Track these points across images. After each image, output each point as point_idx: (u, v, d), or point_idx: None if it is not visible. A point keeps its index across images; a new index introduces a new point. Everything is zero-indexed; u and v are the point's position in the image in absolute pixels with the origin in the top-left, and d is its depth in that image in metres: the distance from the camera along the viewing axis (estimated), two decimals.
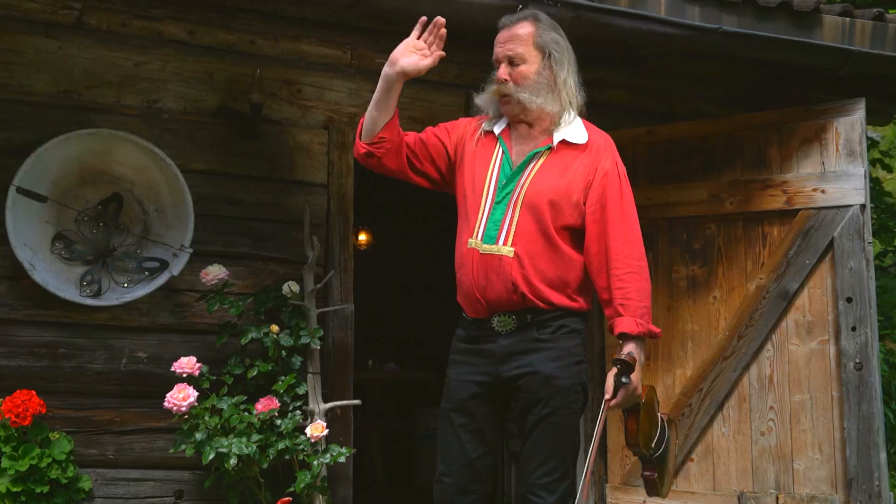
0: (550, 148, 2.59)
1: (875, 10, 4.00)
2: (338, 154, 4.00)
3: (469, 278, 2.55)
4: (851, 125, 3.92)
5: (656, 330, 2.55)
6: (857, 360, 3.79)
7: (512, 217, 2.53)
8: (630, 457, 4.16)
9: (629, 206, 2.60)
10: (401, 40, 2.49)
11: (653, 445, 2.55)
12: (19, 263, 3.35)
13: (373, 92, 3.94)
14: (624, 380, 2.43)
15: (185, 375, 3.36)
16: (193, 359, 3.40)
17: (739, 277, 4.07)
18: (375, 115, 2.58)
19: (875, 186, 6.49)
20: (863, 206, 3.84)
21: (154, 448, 3.60)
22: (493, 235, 2.53)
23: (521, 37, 2.61)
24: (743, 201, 4.06)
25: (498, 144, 2.64)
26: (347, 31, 4.03)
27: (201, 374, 3.41)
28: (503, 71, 2.60)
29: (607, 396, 2.45)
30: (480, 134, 2.68)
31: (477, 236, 2.55)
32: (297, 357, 3.61)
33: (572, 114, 2.62)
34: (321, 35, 4.00)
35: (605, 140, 2.66)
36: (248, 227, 3.83)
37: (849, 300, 3.82)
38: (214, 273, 3.52)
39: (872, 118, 4.80)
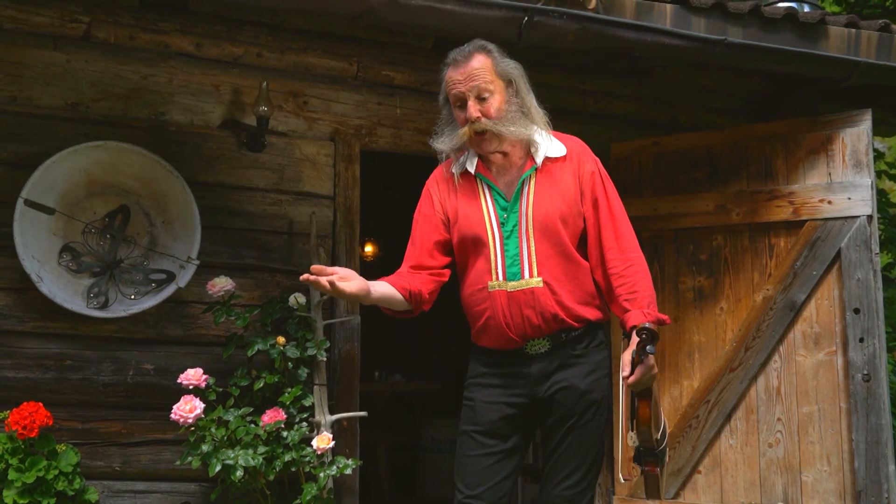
0: (536, 168, 2.56)
1: (881, 21, 4.00)
2: (344, 165, 4.00)
3: (500, 320, 2.50)
4: (858, 136, 3.92)
5: (664, 317, 2.49)
6: (865, 372, 3.78)
7: (528, 246, 2.50)
8: (636, 468, 4.14)
9: (615, 201, 2.59)
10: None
11: (658, 437, 2.44)
12: (27, 275, 3.36)
13: (379, 104, 3.98)
14: (649, 349, 2.26)
15: (191, 387, 3.37)
16: (200, 370, 3.40)
17: (746, 288, 4.06)
18: (393, 305, 2.53)
19: (881, 198, 6.47)
20: (870, 217, 3.84)
21: (160, 460, 3.60)
22: (515, 271, 2.49)
23: (481, 71, 2.51)
24: (749, 212, 4.06)
25: (479, 181, 2.58)
26: (353, 44, 4.04)
27: (208, 386, 3.41)
28: (473, 109, 2.50)
29: (625, 373, 2.33)
30: (454, 179, 2.61)
31: (497, 277, 2.50)
32: (303, 369, 3.61)
33: (543, 132, 2.59)
34: (327, 47, 4.02)
35: (580, 144, 2.65)
36: (254, 238, 3.84)
37: (856, 311, 3.81)
38: (221, 285, 3.52)
39: (878, 129, 4.80)
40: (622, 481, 2.38)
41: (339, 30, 4.01)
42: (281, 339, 3.56)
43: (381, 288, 2.48)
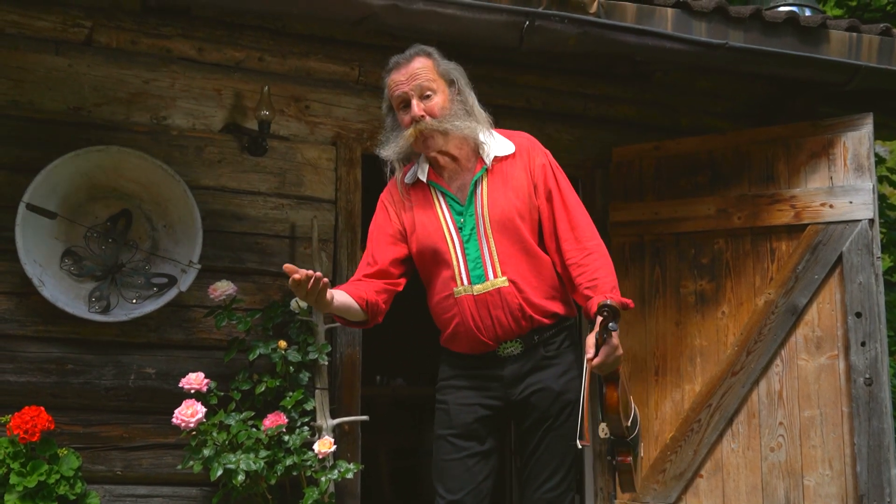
0: (487, 169, 2.55)
1: (882, 25, 4.00)
2: (346, 170, 4.01)
3: (470, 325, 2.49)
4: (859, 140, 3.92)
5: (628, 301, 2.45)
6: (867, 376, 3.77)
7: (489, 247, 2.48)
8: (638, 471, 4.14)
9: (569, 192, 2.58)
10: None
11: (628, 424, 2.39)
12: (28, 279, 3.37)
13: (380, 108, 3.98)
14: (611, 325, 2.20)
15: (192, 391, 3.37)
16: (201, 374, 3.40)
17: (748, 292, 4.06)
18: (349, 315, 2.51)
19: (883, 202, 6.47)
20: (871, 221, 3.84)
21: (162, 464, 3.59)
22: (479, 274, 2.48)
23: (422, 70, 2.52)
24: (751, 216, 4.06)
25: (432, 189, 2.58)
26: (355, 48, 4.05)
27: (209, 390, 3.41)
28: (417, 107, 2.50)
29: (589, 355, 2.29)
30: (405, 191, 2.61)
31: (462, 282, 2.49)
32: (304, 373, 3.61)
33: (489, 131, 2.58)
34: (329, 52, 4.02)
35: (528, 139, 2.64)
36: (256, 242, 3.84)
37: (858, 315, 3.81)
38: (222, 289, 3.52)
39: (880, 133, 4.79)
40: (578, 447, 2.34)
41: (340, 34, 4.01)
42: (282, 343, 3.56)
43: (340, 297, 2.46)
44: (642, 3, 3.66)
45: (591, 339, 2.31)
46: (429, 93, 2.51)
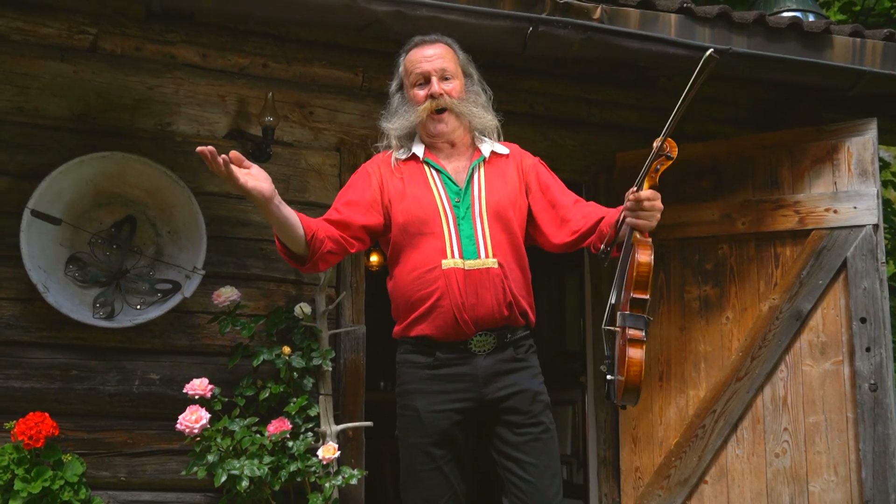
0: (484, 159, 2.58)
1: (886, 31, 4.00)
2: (349, 176, 4.00)
3: (457, 298, 2.42)
4: (863, 145, 3.91)
5: None
6: (872, 381, 3.76)
7: (483, 229, 2.48)
8: (643, 477, 4.13)
9: (563, 186, 2.64)
10: None
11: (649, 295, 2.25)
12: (33, 285, 3.37)
13: (383, 114, 3.96)
14: (669, 153, 2.13)
15: (197, 397, 3.36)
16: (205, 380, 3.40)
17: (752, 298, 4.06)
18: (287, 237, 2.42)
19: (887, 207, 6.46)
20: (875, 226, 3.83)
21: (166, 470, 3.60)
22: (472, 251, 2.45)
23: (445, 54, 2.57)
24: (755, 221, 4.05)
25: (426, 166, 2.57)
26: (358, 54, 4.06)
27: (213, 396, 3.41)
28: (438, 85, 2.52)
29: (634, 188, 2.27)
30: (397, 164, 2.59)
31: (453, 255, 2.45)
32: (308, 378, 3.61)
33: (494, 130, 2.62)
34: (333, 58, 4.03)
35: (517, 147, 2.70)
36: (260, 248, 3.84)
37: (863, 320, 3.80)
38: (226, 295, 3.53)
39: (884, 138, 4.80)
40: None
41: (344, 40, 4.02)
42: (286, 349, 3.56)
43: (289, 211, 2.37)
44: (646, 9, 3.66)
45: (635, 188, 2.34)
46: (449, 76, 2.55)
